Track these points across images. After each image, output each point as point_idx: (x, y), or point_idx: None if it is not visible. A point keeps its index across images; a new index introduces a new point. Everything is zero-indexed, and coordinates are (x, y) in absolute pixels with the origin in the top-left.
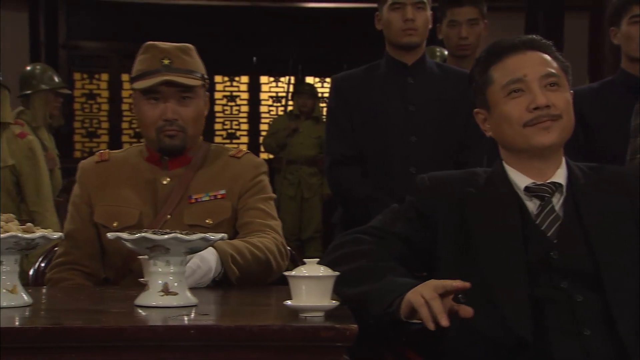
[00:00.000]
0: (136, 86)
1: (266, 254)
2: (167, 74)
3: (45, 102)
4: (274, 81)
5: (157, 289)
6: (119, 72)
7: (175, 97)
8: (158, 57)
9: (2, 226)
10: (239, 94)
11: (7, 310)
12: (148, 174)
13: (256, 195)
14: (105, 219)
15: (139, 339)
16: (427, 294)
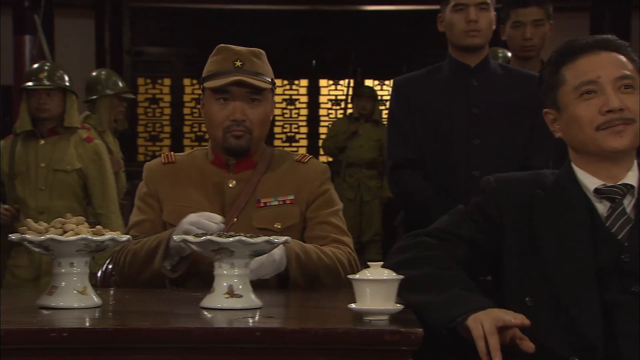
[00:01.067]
0: (207, 85)
1: (335, 262)
2: (239, 75)
3: (110, 106)
4: (333, 84)
5: (222, 292)
6: (181, 77)
7: (244, 98)
8: (231, 59)
9: (73, 228)
10: (298, 97)
11: (78, 311)
12: (214, 177)
13: (327, 208)
14: (173, 219)
15: (205, 341)
16: (487, 326)
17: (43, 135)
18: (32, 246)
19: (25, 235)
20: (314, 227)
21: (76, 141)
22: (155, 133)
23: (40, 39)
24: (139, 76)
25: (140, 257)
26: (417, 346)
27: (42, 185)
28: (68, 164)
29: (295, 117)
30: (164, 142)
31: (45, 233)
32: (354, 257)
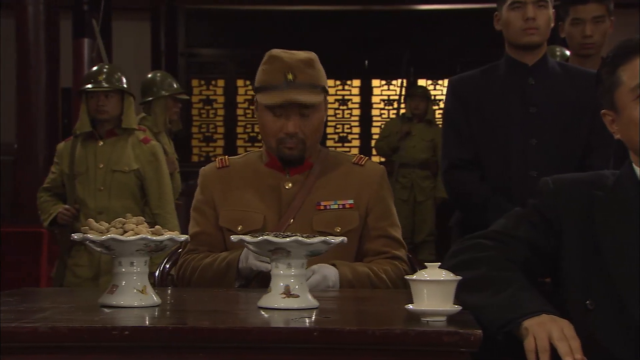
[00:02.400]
0: (260, 100)
1: (388, 286)
2: (290, 92)
3: (165, 108)
4: (385, 84)
5: (278, 291)
6: (234, 78)
7: (297, 112)
8: (282, 71)
9: (133, 228)
10: (350, 98)
11: (138, 309)
12: (270, 179)
13: (385, 220)
14: (230, 223)
15: (263, 340)
16: (540, 344)
17: (102, 137)
18: (94, 246)
19: (87, 234)
20: (374, 240)
21: (133, 142)
22: (209, 134)
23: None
24: (193, 78)
25: (209, 276)
26: (476, 348)
27: (101, 185)
28: (126, 165)
29: (347, 117)
30: (218, 143)
31: (107, 233)
32: (407, 272)
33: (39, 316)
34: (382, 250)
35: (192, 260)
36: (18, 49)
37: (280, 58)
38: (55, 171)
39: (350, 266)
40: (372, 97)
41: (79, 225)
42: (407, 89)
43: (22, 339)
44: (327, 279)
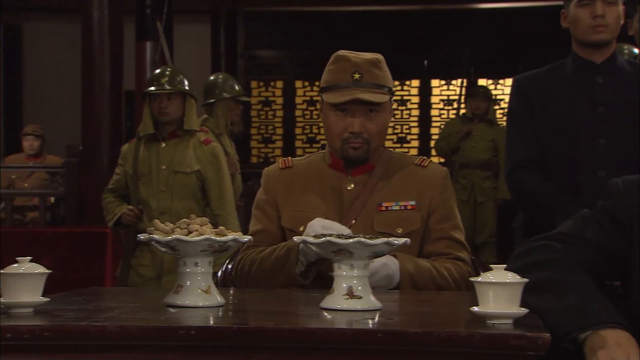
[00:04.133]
0: (326, 99)
1: (450, 283)
2: (357, 91)
3: (226, 109)
4: (445, 84)
5: (341, 292)
6: (293, 79)
7: (363, 111)
8: (349, 71)
9: (197, 229)
10: (409, 98)
11: (203, 309)
12: (332, 180)
13: (448, 222)
14: (292, 224)
15: (327, 342)
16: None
17: (164, 138)
18: (159, 246)
19: (153, 235)
20: (435, 241)
21: (195, 144)
22: (267, 135)
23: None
24: (252, 79)
25: (269, 266)
26: (544, 351)
27: (163, 186)
28: (187, 166)
29: (406, 117)
30: (276, 144)
31: (171, 233)
32: (471, 274)
33: (107, 315)
34: (444, 252)
35: (251, 254)
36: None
37: (347, 58)
38: (120, 172)
39: (412, 259)
40: (432, 97)
41: (143, 225)
42: (467, 88)
43: (91, 338)
44: (387, 267)
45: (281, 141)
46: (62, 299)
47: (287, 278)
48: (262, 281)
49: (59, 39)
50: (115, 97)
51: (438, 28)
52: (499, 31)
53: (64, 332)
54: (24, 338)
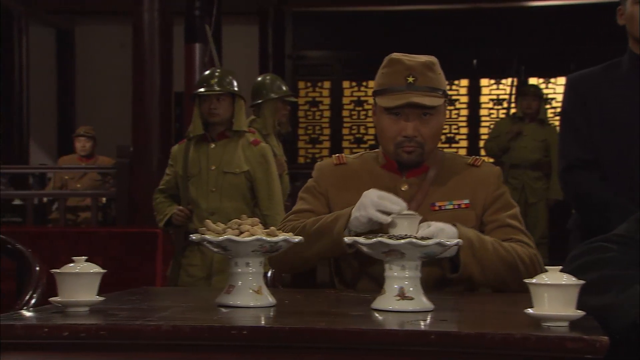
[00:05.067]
0: (380, 103)
1: (513, 257)
2: (411, 94)
3: (274, 110)
4: (494, 83)
5: (393, 293)
6: (340, 80)
7: (416, 115)
8: (403, 74)
9: (248, 229)
10: (458, 98)
11: (254, 309)
12: (386, 181)
13: (505, 211)
14: None
15: (379, 343)
16: None
17: (213, 139)
18: (211, 246)
19: (205, 235)
20: (493, 231)
21: (244, 144)
22: (315, 135)
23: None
24: (300, 80)
25: (313, 231)
26: (601, 355)
27: (213, 187)
28: (236, 167)
29: (455, 117)
30: (324, 144)
31: (223, 234)
32: (537, 257)
33: (161, 315)
34: (505, 239)
35: (292, 223)
36: (134, 55)
37: (401, 61)
38: (170, 173)
39: (472, 230)
40: (481, 96)
41: (193, 226)
42: (517, 88)
43: (145, 337)
44: (444, 232)
45: (328, 142)
46: (116, 298)
47: (331, 242)
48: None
49: (110, 42)
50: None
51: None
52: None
53: (118, 331)
54: (80, 336)
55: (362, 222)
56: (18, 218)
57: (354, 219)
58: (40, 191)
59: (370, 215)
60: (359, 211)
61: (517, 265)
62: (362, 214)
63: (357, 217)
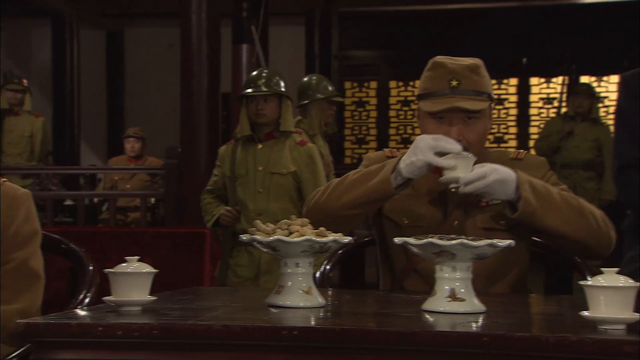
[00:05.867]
0: (423, 107)
1: (582, 204)
2: (454, 98)
3: (320, 110)
4: (545, 82)
5: (443, 295)
6: (387, 80)
7: (461, 118)
8: (446, 78)
9: (298, 230)
10: (507, 97)
11: (304, 310)
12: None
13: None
14: (395, 214)
15: (431, 344)
16: None
17: (260, 140)
18: (261, 246)
19: (255, 236)
20: None
21: (291, 145)
22: (361, 136)
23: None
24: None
25: (356, 177)
26: None
27: (260, 187)
28: (283, 167)
29: (503, 117)
30: (370, 144)
31: (273, 234)
32: (607, 218)
33: (212, 315)
34: None
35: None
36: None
37: (444, 64)
38: (218, 174)
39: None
40: (530, 95)
41: (240, 226)
42: (569, 86)
43: (197, 337)
44: (498, 172)
45: (375, 142)
46: (167, 298)
47: (378, 181)
48: (342, 193)
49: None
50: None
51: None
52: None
53: (171, 330)
54: (133, 335)
55: (417, 167)
56: (69, 218)
57: (409, 164)
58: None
59: (428, 160)
60: (414, 156)
61: (585, 213)
62: (419, 158)
63: (413, 162)
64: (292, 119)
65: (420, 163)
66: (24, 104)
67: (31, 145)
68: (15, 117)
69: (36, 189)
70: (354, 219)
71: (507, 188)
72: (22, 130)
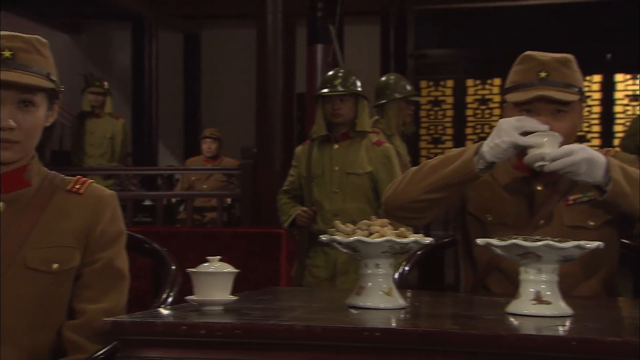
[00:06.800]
0: (509, 98)
1: None
2: (542, 88)
3: (398, 110)
4: (631, 78)
5: (528, 297)
6: (463, 78)
7: (549, 111)
8: (535, 70)
9: (378, 230)
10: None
11: (384, 311)
12: (518, 181)
13: None
14: (479, 211)
15: (516, 348)
16: None
17: (337, 140)
18: (341, 247)
19: (334, 236)
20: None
21: (367, 145)
22: (437, 135)
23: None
24: (422, 79)
25: (437, 162)
26: None
27: (336, 188)
28: (359, 167)
29: (586, 115)
30: (446, 144)
31: (352, 234)
32: None
33: (293, 315)
34: None
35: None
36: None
37: (534, 57)
38: (294, 174)
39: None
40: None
41: (317, 227)
42: None
43: (279, 337)
44: (585, 150)
45: (451, 141)
46: (248, 298)
47: (460, 163)
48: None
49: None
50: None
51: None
52: None
53: (253, 330)
54: (216, 335)
55: (503, 149)
56: (148, 218)
57: (493, 146)
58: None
59: (513, 140)
60: (498, 138)
61: None
62: (504, 139)
63: (497, 144)
64: (369, 119)
65: (505, 144)
66: (105, 106)
67: (112, 147)
68: (97, 119)
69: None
70: (433, 204)
71: (595, 169)
72: (103, 132)
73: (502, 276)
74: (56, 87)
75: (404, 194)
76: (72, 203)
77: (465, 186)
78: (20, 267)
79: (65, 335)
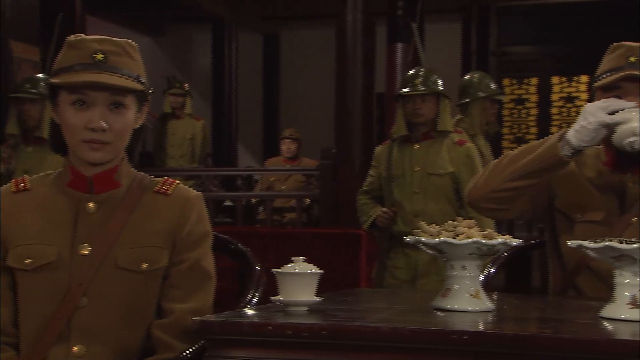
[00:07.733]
0: (597, 84)
1: None
2: (630, 70)
3: (482, 109)
4: None
5: (624, 301)
6: (549, 76)
7: (638, 92)
8: (624, 55)
9: (464, 232)
10: None
11: (471, 314)
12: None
13: None
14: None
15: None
16: None
17: (417, 140)
18: (426, 248)
19: (420, 237)
20: None
21: (448, 145)
22: (520, 135)
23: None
24: (505, 77)
25: (518, 153)
26: None
27: (417, 188)
28: (441, 168)
29: None
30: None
31: (439, 236)
32: None
33: (378, 316)
34: None
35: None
36: (337, 56)
37: (623, 44)
38: (374, 174)
39: None
40: None
41: (397, 227)
42: None
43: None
44: None
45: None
46: (332, 299)
47: (545, 149)
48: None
49: (314, 44)
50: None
51: None
52: None
53: (339, 331)
54: (302, 335)
55: (591, 130)
56: (229, 218)
57: (579, 129)
58: (249, 192)
59: (601, 119)
60: (584, 120)
61: None
62: (591, 121)
63: (584, 126)
64: (450, 119)
65: (593, 125)
66: (186, 107)
67: (192, 148)
68: (178, 120)
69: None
70: (517, 193)
71: None
72: (183, 133)
73: (592, 275)
74: (145, 89)
75: (486, 184)
76: (160, 204)
77: (549, 173)
78: (111, 267)
79: (154, 334)
